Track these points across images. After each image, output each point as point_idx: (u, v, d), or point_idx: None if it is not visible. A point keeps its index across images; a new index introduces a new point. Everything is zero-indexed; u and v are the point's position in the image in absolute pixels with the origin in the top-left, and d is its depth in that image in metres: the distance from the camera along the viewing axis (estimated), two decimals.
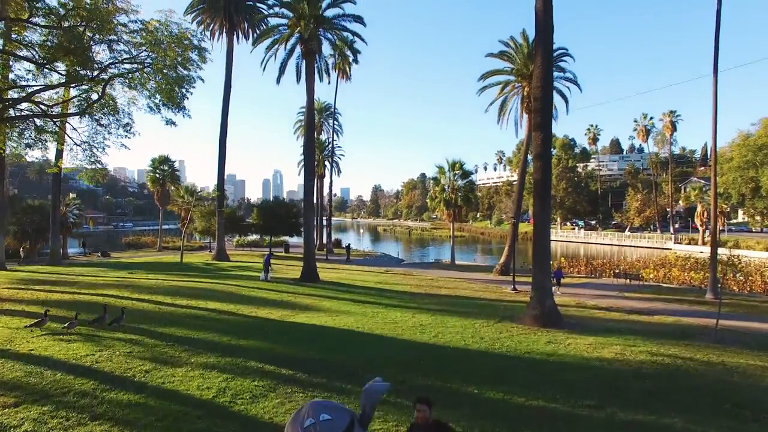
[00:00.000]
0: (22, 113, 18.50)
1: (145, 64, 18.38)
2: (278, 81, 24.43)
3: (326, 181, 50.03)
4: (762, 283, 26.63)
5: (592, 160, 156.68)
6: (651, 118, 73.79)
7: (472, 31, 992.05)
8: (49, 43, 16.34)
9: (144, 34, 17.43)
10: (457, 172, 33.06)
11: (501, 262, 28.82)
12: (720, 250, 39.52)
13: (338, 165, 47.25)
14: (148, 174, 43.30)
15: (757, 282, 27.70)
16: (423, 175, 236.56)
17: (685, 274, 29.52)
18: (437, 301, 18.58)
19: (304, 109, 33.47)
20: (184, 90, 19.40)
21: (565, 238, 72.56)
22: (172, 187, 43.50)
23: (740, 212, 63.72)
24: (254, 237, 41.34)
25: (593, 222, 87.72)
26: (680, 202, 63.45)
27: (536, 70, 15.99)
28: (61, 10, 15.75)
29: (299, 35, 23.09)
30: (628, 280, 24.91)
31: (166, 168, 42.62)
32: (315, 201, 42.70)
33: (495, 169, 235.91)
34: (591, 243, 67.78)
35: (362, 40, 24.81)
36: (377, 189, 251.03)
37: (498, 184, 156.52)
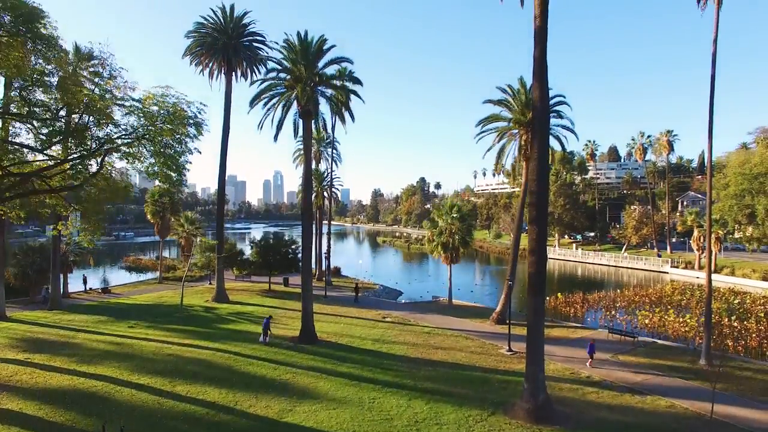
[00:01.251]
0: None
1: (143, 142, 18.46)
2: (275, 139, 24.47)
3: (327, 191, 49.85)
4: (757, 335, 26.74)
5: (590, 168, 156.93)
6: (648, 136, 73.92)
7: (474, 34, 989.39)
8: (44, 132, 16.43)
9: (141, 116, 17.49)
10: (454, 215, 33.11)
11: (497, 310, 28.90)
12: (715, 277, 38.40)
13: (337, 195, 47.24)
14: (148, 206, 43.34)
15: (752, 328, 27.86)
16: (422, 180, 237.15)
17: (680, 320, 29.62)
18: (434, 374, 18.68)
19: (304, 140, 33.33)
20: (182, 162, 19.48)
21: (563, 256, 72.64)
22: (173, 219, 43.59)
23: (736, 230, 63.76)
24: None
25: (592, 234, 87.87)
26: (677, 225, 63.41)
27: (532, 163, 16.17)
28: (57, 104, 15.84)
29: (297, 96, 23.11)
30: (622, 337, 25.01)
31: (166, 200, 42.65)
32: (313, 241, 42.77)
33: (494, 176, 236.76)
34: (588, 263, 67.89)
35: (360, 98, 24.87)
36: (377, 193, 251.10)
37: (497, 192, 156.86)
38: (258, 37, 34.36)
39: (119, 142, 18.15)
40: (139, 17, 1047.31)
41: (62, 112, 16.67)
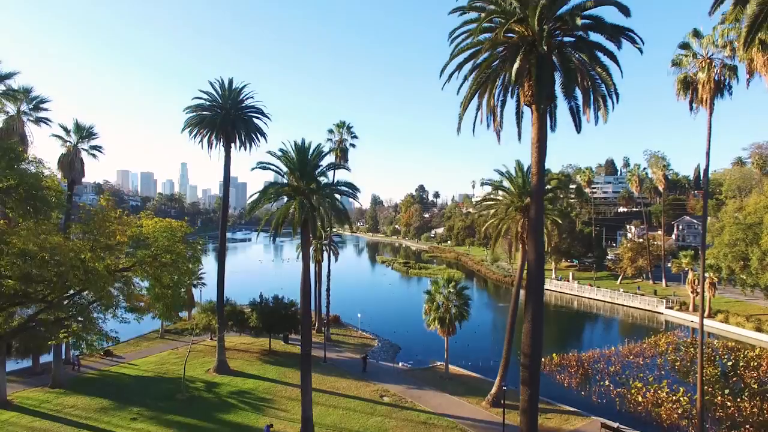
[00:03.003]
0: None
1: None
2: (273, 240, 24.49)
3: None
4: (752, 418, 27.02)
5: (585, 191, 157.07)
6: (645, 169, 73.99)
7: None
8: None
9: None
10: (451, 290, 33.20)
11: (493, 392, 29.13)
12: (708, 324, 37.63)
13: (336, 251, 47.12)
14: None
15: (746, 410, 28.13)
16: (421, 188, 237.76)
17: (674, 398, 29.89)
18: None
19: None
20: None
21: (560, 288, 72.89)
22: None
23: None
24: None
25: (589, 260, 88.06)
26: (671, 267, 63.65)
27: (530, 255, 17.26)
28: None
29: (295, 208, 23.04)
30: None
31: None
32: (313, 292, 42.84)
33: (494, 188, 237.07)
34: (584, 297, 68.14)
35: (357, 200, 24.93)
36: (376, 200, 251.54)
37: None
38: (257, 110, 34.42)
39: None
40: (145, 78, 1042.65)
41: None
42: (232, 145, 33.93)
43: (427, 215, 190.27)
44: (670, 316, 56.00)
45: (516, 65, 15.48)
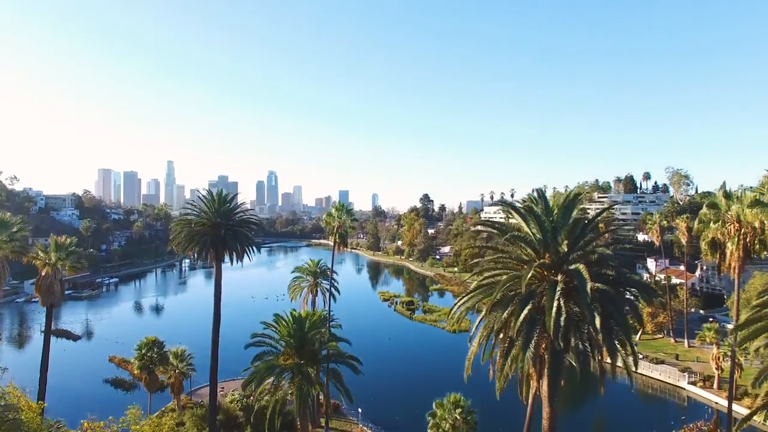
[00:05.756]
0: None
1: None
2: None
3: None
4: None
5: (603, 200, 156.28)
6: (666, 218, 73.66)
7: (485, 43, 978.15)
8: None
9: None
10: (458, 416, 33.44)
11: None
12: (736, 408, 38.13)
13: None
14: (135, 360, 43.79)
15: None
16: (426, 197, 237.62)
17: None
18: None
19: None
20: None
21: None
22: (161, 368, 44.02)
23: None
24: None
25: None
26: (695, 341, 63.83)
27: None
28: None
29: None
30: None
31: (155, 354, 43.05)
32: None
33: (503, 200, 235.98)
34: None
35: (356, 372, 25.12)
36: (377, 211, 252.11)
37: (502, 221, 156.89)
38: (249, 223, 34.55)
39: None
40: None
41: None
42: (222, 260, 34.20)
43: (432, 230, 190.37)
44: (692, 393, 56.20)
45: None
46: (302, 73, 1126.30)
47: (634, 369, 18.57)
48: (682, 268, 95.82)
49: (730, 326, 66.98)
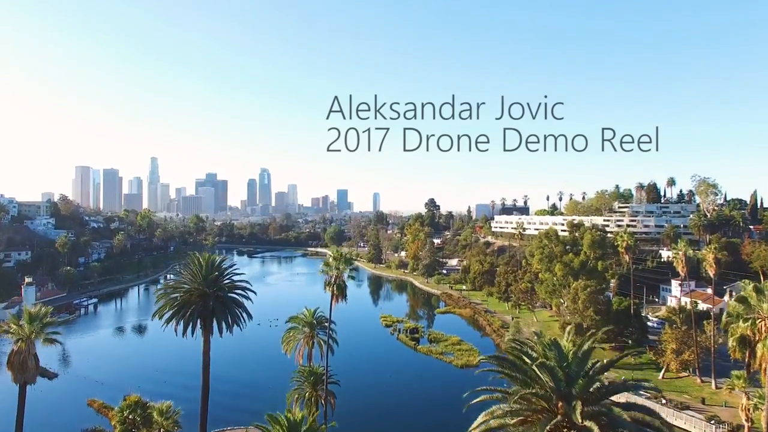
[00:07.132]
0: None
1: None
2: None
3: None
4: None
5: (624, 210, 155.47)
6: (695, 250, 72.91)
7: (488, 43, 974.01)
8: None
9: None
10: None
11: None
12: None
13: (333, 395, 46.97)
14: (116, 425, 43.44)
15: None
16: (431, 202, 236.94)
17: None
18: None
19: None
20: None
21: None
22: (144, 430, 43.72)
23: None
24: None
25: (626, 336, 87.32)
26: (723, 385, 63.26)
27: None
28: None
29: None
30: None
31: (138, 416, 42.73)
32: None
33: (515, 206, 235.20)
34: (622, 401, 67.84)
35: None
36: (380, 217, 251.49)
37: (514, 233, 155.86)
38: (240, 289, 34.16)
39: None
40: None
41: None
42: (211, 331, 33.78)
43: (438, 240, 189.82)
44: None
45: None
46: (301, 64, 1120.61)
47: None
48: (709, 291, 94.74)
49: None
